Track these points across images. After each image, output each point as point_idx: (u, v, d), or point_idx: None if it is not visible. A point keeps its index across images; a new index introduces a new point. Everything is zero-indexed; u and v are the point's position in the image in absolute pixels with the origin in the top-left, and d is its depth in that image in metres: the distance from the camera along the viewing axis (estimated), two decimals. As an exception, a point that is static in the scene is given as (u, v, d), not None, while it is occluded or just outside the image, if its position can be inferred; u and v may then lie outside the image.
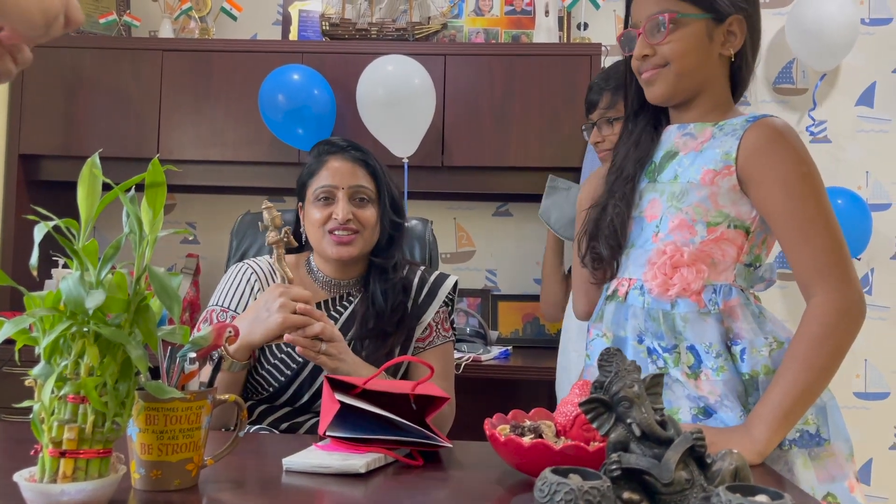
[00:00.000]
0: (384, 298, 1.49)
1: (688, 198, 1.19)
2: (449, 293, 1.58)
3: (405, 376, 1.52)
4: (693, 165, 1.21)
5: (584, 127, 1.99)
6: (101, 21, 2.76)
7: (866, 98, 2.90)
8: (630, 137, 1.32)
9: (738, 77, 1.26)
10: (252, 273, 1.54)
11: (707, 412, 1.16)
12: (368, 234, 1.50)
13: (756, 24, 1.24)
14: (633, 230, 1.27)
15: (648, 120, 1.31)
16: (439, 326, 1.56)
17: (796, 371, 1.09)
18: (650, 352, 1.20)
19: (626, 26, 1.28)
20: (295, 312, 1.32)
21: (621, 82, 1.39)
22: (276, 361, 1.45)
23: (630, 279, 1.25)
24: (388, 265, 1.53)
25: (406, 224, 1.61)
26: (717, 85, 1.25)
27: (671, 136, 1.27)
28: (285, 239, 1.38)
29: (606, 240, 1.27)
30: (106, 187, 0.80)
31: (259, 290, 1.52)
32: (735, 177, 1.17)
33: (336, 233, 1.47)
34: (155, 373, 0.88)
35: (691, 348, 1.17)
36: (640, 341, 1.21)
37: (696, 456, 0.76)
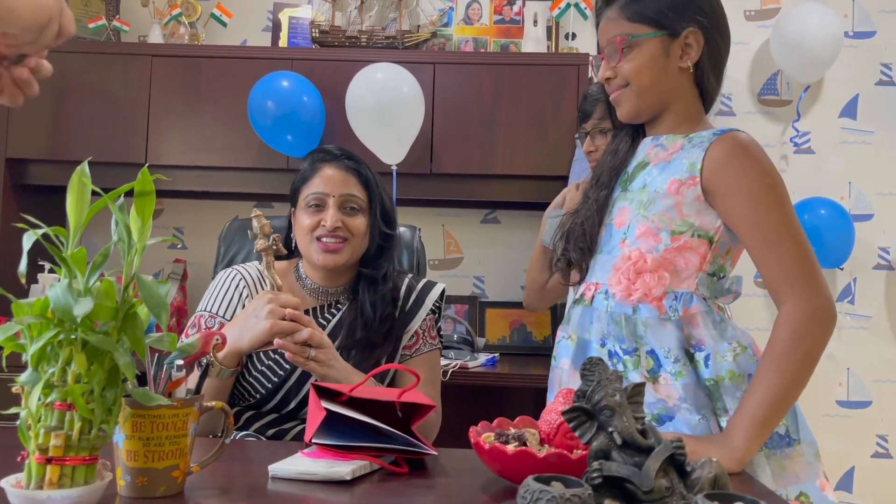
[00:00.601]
0: (373, 309, 1.50)
1: (654, 206, 1.23)
2: (436, 301, 1.59)
3: (392, 383, 1.52)
4: (661, 175, 1.24)
5: (577, 135, 2.01)
6: (91, 26, 2.76)
7: (849, 110, 2.95)
8: (609, 147, 1.38)
9: (702, 88, 1.29)
10: (241, 279, 1.54)
11: (661, 419, 1.18)
12: (356, 243, 1.50)
13: (714, 35, 1.26)
14: (603, 237, 1.31)
15: (629, 131, 1.36)
16: (426, 334, 1.57)
17: (770, 378, 1.12)
18: (611, 355, 1.23)
19: (598, 51, 1.34)
20: (284, 319, 1.33)
21: None
22: (263, 368, 1.45)
23: (597, 284, 1.28)
24: (377, 276, 1.53)
25: (396, 235, 1.61)
26: (683, 98, 1.28)
27: (645, 147, 1.32)
28: (274, 246, 1.39)
29: (576, 243, 1.32)
30: (94, 193, 0.81)
31: (248, 296, 1.52)
32: (699, 187, 1.20)
33: (324, 240, 1.48)
34: (142, 380, 0.89)
35: (651, 352, 1.20)
36: (603, 344, 1.24)
37: (676, 464, 0.77)
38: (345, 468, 0.97)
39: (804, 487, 1.17)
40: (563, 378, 1.29)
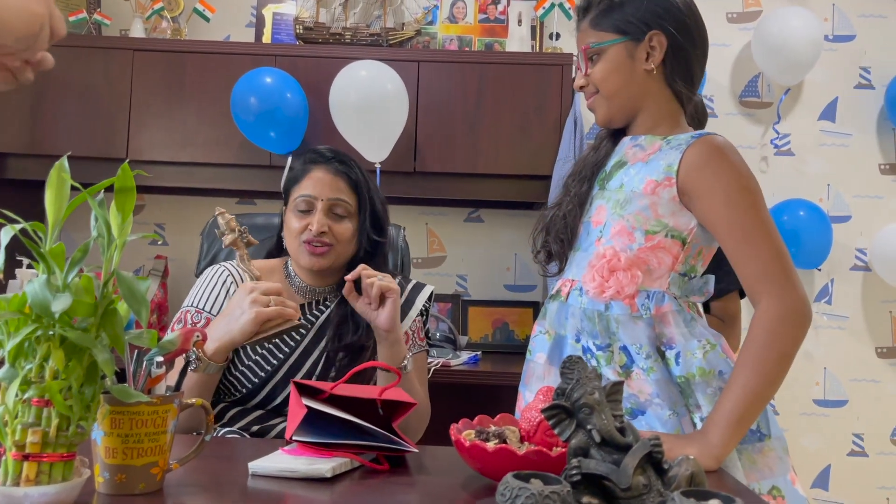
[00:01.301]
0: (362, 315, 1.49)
1: (630, 206, 1.25)
2: (425, 303, 1.60)
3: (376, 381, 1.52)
4: (638, 175, 1.26)
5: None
6: (71, 19, 2.73)
7: (828, 113, 2.98)
8: (593, 142, 1.42)
9: (673, 89, 1.31)
10: (227, 275, 1.54)
11: (633, 413, 1.20)
12: (341, 248, 1.50)
13: (680, 37, 1.28)
14: (581, 234, 1.33)
15: (611, 129, 1.39)
16: (415, 336, 1.57)
17: (746, 377, 1.14)
18: (585, 350, 1.25)
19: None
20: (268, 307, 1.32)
21: None
22: (250, 363, 1.45)
23: (572, 280, 1.30)
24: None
25: (386, 242, 1.59)
26: (654, 99, 1.31)
27: (623, 146, 1.34)
28: (244, 238, 1.39)
29: (557, 234, 1.34)
30: (74, 188, 0.80)
31: (234, 291, 1.52)
32: (675, 188, 1.22)
33: (311, 244, 1.48)
34: (121, 376, 0.88)
35: (623, 348, 1.23)
36: (578, 340, 1.27)
37: (654, 462, 0.78)
38: (325, 465, 0.97)
39: (776, 481, 1.19)
40: (539, 372, 1.31)
